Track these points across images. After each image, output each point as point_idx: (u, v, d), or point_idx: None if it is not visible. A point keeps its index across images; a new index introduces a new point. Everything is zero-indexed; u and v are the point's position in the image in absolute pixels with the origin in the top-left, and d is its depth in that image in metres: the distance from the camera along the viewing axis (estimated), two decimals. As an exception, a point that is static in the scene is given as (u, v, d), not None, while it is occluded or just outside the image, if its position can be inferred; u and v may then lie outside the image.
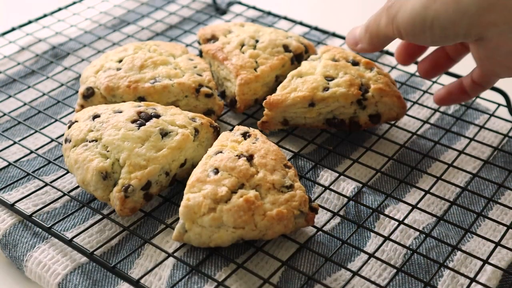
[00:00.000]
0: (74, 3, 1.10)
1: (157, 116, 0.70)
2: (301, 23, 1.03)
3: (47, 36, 1.02)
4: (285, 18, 1.05)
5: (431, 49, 0.77)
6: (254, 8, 1.09)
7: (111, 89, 0.77)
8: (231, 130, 0.72)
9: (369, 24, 0.68)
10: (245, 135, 0.69)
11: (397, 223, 0.67)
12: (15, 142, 0.78)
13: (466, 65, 0.76)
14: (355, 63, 0.79)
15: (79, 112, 0.74)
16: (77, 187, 0.71)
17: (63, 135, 0.75)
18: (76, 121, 0.71)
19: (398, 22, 0.61)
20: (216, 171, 0.63)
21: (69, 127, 0.71)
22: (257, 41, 0.84)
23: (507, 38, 0.56)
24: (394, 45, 0.78)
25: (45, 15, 1.05)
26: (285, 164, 0.66)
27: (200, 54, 0.88)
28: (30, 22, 1.03)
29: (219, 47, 0.84)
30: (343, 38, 0.98)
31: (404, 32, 0.62)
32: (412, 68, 0.90)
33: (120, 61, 0.81)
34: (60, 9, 1.07)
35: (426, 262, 0.64)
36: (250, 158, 0.65)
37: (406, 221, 0.67)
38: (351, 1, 1.26)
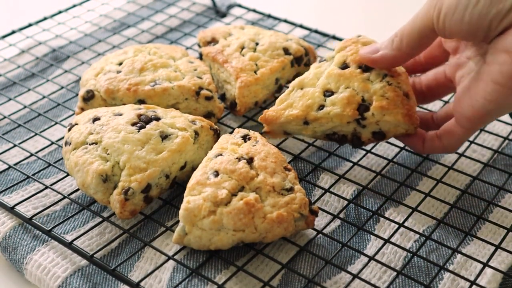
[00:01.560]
0: (74, 6, 1.10)
1: (157, 118, 0.70)
2: (301, 26, 1.03)
3: (47, 39, 1.02)
4: (285, 21, 1.05)
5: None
6: (254, 11, 1.09)
7: (111, 92, 0.77)
8: (231, 132, 0.72)
9: (402, 27, 0.65)
10: (245, 138, 0.69)
11: (397, 225, 0.67)
12: (15, 145, 0.78)
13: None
14: (367, 69, 0.70)
15: (79, 114, 0.74)
16: (77, 189, 0.71)
17: (63, 137, 0.75)
18: (76, 124, 0.71)
19: (443, 1, 0.60)
20: (216, 173, 0.63)
21: (69, 129, 0.71)
22: (257, 44, 0.84)
23: None
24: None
25: (45, 18, 1.05)
26: (285, 167, 0.66)
27: (200, 57, 0.88)
28: (30, 25, 1.03)
29: (219, 49, 0.84)
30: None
31: (445, 11, 0.59)
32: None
33: (120, 63, 0.81)
34: (60, 12, 1.07)
35: (426, 265, 0.63)
36: (250, 160, 0.65)
37: (406, 224, 0.67)
38: (351, 4, 1.26)
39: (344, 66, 0.71)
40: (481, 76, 0.61)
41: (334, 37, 0.99)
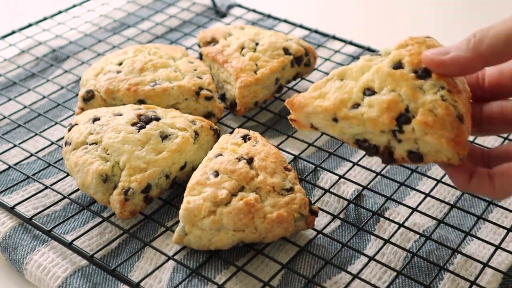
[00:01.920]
0: (74, 6, 1.10)
1: (157, 119, 0.70)
2: (301, 26, 1.03)
3: (47, 39, 1.02)
4: (285, 21, 1.05)
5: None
6: (254, 11, 1.09)
7: (111, 92, 0.77)
8: (231, 132, 0.72)
9: (486, 27, 0.53)
10: (245, 138, 0.69)
11: (397, 226, 0.67)
12: (15, 145, 0.78)
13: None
14: (423, 75, 0.57)
15: (79, 115, 0.74)
16: (77, 190, 0.71)
17: (63, 138, 0.75)
18: (76, 124, 0.71)
19: None
20: (216, 174, 0.63)
21: (69, 130, 0.71)
22: (257, 44, 0.84)
23: None
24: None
25: (45, 18, 1.05)
26: (285, 167, 0.66)
27: (200, 57, 0.88)
28: (30, 25, 1.03)
29: (219, 49, 0.84)
30: (343, 41, 0.97)
31: None
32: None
33: (120, 64, 0.81)
34: (60, 12, 1.07)
35: (426, 265, 0.63)
36: (250, 160, 0.65)
37: (406, 224, 0.67)
38: (351, 4, 1.26)
39: (398, 65, 0.58)
40: None
41: (334, 37, 0.99)
